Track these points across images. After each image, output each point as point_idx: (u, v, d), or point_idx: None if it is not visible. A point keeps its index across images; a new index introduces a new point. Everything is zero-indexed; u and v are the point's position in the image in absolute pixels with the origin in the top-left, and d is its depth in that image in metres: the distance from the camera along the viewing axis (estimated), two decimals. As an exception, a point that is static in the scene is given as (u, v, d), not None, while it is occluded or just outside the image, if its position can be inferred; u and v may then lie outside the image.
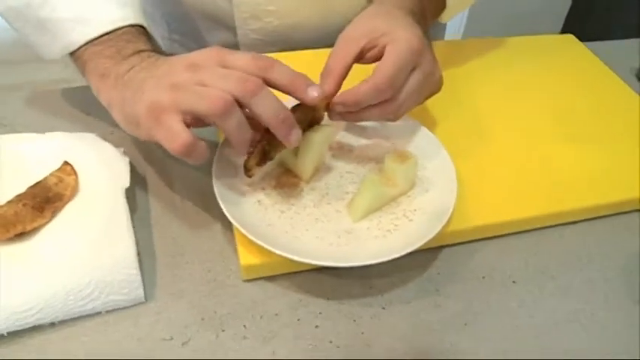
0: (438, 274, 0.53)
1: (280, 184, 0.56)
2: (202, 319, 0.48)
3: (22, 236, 0.50)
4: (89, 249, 0.49)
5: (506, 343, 0.49)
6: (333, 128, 0.57)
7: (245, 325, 0.48)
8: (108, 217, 0.52)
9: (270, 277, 0.51)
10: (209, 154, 0.49)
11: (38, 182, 0.53)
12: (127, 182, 0.55)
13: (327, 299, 0.50)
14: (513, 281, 0.53)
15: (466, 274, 0.54)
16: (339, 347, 0.47)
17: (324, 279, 0.52)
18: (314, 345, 0.47)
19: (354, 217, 0.54)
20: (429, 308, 0.50)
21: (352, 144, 0.62)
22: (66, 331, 0.47)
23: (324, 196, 0.56)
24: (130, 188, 0.55)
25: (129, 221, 0.52)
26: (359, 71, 0.56)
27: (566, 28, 2.10)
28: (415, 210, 0.55)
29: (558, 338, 0.49)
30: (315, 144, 0.54)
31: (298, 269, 0.52)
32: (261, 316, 0.49)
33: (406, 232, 0.53)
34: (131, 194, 0.56)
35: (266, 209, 0.54)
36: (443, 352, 0.48)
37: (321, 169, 0.58)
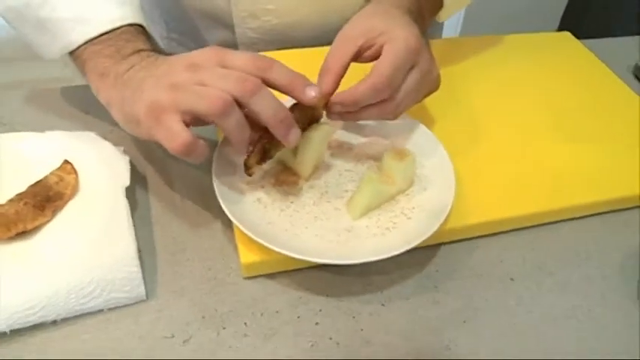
0: (436, 271, 0.54)
1: (280, 182, 0.56)
2: (203, 317, 0.48)
3: (23, 235, 0.50)
4: (90, 247, 0.49)
5: (505, 340, 0.49)
6: (331, 127, 0.57)
7: (246, 322, 0.48)
8: (108, 215, 0.52)
9: (271, 275, 0.52)
10: (208, 153, 0.49)
11: (39, 181, 0.53)
12: (127, 181, 0.55)
13: (327, 296, 0.51)
14: (511, 278, 0.54)
15: (464, 271, 0.54)
16: (338, 344, 0.47)
17: (323, 276, 0.52)
18: (314, 342, 0.47)
19: (353, 215, 0.54)
20: (428, 305, 0.51)
21: (351, 142, 0.62)
22: (67, 329, 0.47)
23: (323, 194, 0.56)
24: (130, 187, 0.55)
25: (129, 219, 0.52)
26: (357, 70, 0.56)
27: (562, 26, 2.11)
28: (414, 208, 0.55)
29: (556, 334, 0.50)
30: (314, 142, 0.54)
31: (298, 267, 0.52)
32: (262, 314, 0.49)
33: (405, 230, 0.53)
34: (131, 193, 0.56)
35: (266, 207, 0.54)
36: (442, 348, 0.48)
37: (320, 168, 0.59)
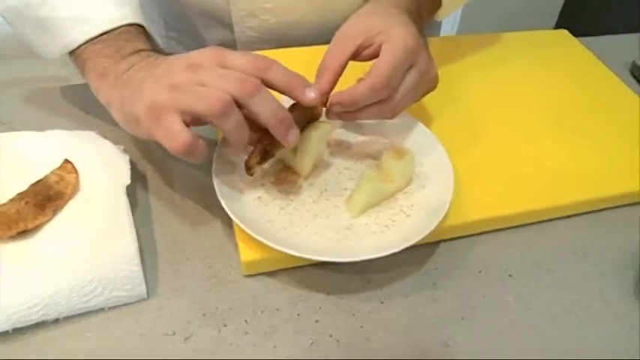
0: (435, 268, 0.54)
1: (279, 180, 0.57)
2: (204, 315, 0.49)
3: (24, 234, 0.50)
4: (91, 246, 0.49)
5: (504, 337, 0.49)
6: (330, 125, 0.57)
7: (246, 320, 0.48)
8: (109, 214, 0.52)
9: (271, 273, 0.52)
10: (208, 152, 0.49)
11: (39, 180, 0.53)
12: (127, 180, 0.55)
13: (327, 294, 0.51)
14: (510, 275, 0.54)
15: (463, 268, 0.54)
16: (338, 341, 0.48)
17: (323, 274, 0.52)
18: (314, 339, 0.48)
19: (352, 213, 0.54)
20: (427, 302, 0.51)
21: (350, 141, 0.63)
22: (69, 327, 0.47)
23: (322, 193, 0.56)
24: (131, 185, 0.55)
25: (130, 218, 0.52)
26: (355, 69, 0.56)
27: (559, 24, 2.11)
28: (412, 205, 0.55)
29: (554, 331, 0.50)
30: (314, 141, 0.55)
31: (298, 264, 0.52)
32: (262, 311, 0.49)
33: (404, 228, 0.53)
34: (131, 191, 0.56)
35: (266, 205, 0.54)
36: (441, 345, 0.48)
37: (319, 166, 0.59)
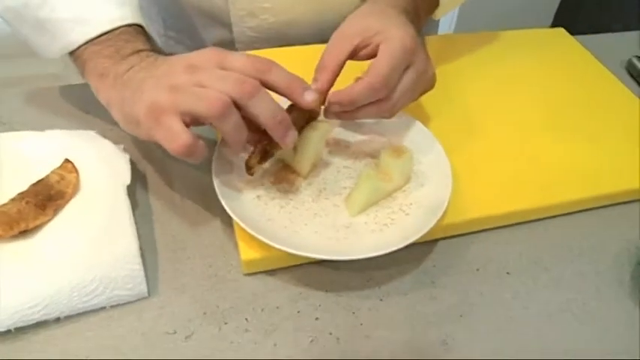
0: (433, 266, 0.54)
1: (279, 179, 0.57)
2: (205, 313, 0.49)
3: (25, 234, 0.50)
4: (92, 245, 0.49)
5: (502, 334, 0.50)
6: (329, 125, 0.57)
7: (247, 318, 0.49)
8: (110, 213, 0.52)
9: (271, 271, 0.52)
10: (208, 152, 0.49)
11: (40, 180, 0.53)
12: (127, 179, 0.55)
13: (326, 292, 0.51)
14: (507, 273, 0.54)
15: (461, 266, 0.55)
16: (338, 339, 0.48)
17: (323, 272, 0.53)
18: (314, 337, 0.48)
19: (351, 212, 0.55)
20: (426, 300, 0.51)
21: (348, 140, 0.63)
22: (70, 326, 0.47)
23: (321, 191, 0.57)
24: (131, 185, 0.55)
25: (131, 218, 0.52)
26: (353, 68, 0.57)
27: (556, 22, 2.11)
28: (411, 204, 0.56)
29: (552, 328, 0.51)
30: (313, 141, 0.55)
31: (298, 263, 0.53)
32: (262, 309, 0.50)
33: (402, 226, 0.54)
34: (131, 191, 0.56)
35: (265, 204, 0.54)
36: (439, 342, 0.49)
37: (318, 165, 0.59)
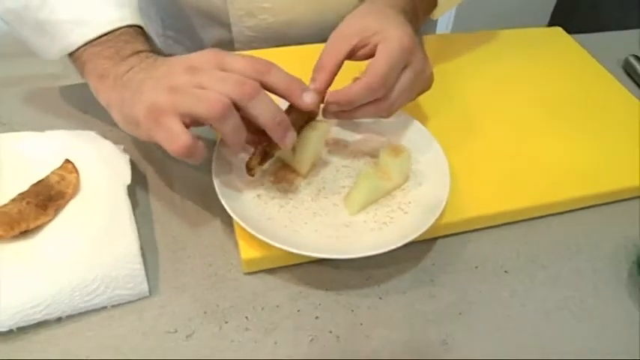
0: (432, 264, 0.55)
1: (279, 179, 0.57)
2: (205, 312, 0.49)
3: (26, 234, 0.50)
4: (93, 245, 0.50)
5: (500, 332, 0.50)
6: (328, 124, 0.58)
7: (247, 316, 0.49)
8: (110, 213, 0.53)
9: (271, 270, 0.53)
10: (207, 153, 0.49)
11: (41, 180, 0.54)
12: (128, 179, 0.56)
13: (326, 290, 0.52)
14: (505, 271, 0.55)
15: (460, 264, 0.55)
16: (338, 337, 0.49)
17: (322, 271, 0.53)
18: (314, 335, 0.48)
19: (350, 211, 0.55)
20: (425, 298, 0.52)
21: (347, 139, 0.63)
22: (71, 326, 0.48)
23: (321, 190, 0.57)
24: (131, 185, 0.56)
25: (131, 217, 0.53)
26: (350, 68, 0.57)
27: (553, 21, 2.12)
28: (410, 203, 0.56)
29: (549, 325, 0.51)
30: (312, 141, 0.55)
31: (298, 262, 0.53)
32: (263, 308, 0.50)
33: (401, 225, 0.54)
34: (131, 191, 0.56)
35: (265, 204, 0.55)
36: (438, 340, 0.49)
37: (317, 164, 0.59)
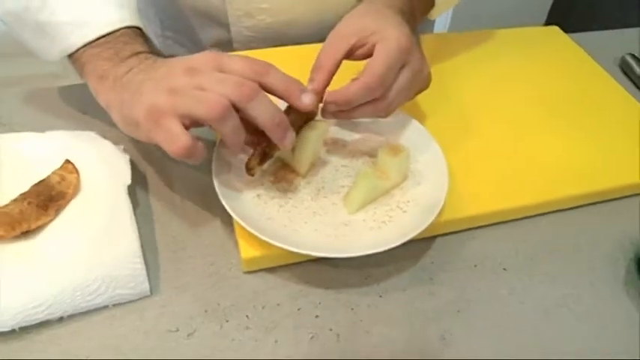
0: (431, 263, 0.55)
1: (278, 178, 0.58)
2: (206, 311, 0.49)
3: (27, 234, 0.51)
4: (94, 245, 0.50)
5: (499, 329, 0.50)
6: (327, 124, 0.58)
7: (248, 315, 0.49)
8: (111, 213, 0.53)
9: (271, 269, 0.53)
10: (207, 153, 0.49)
11: (42, 181, 0.54)
12: (128, 179, 0.56)
13: (326, 289, 0.52)
14: (504, 269, 0.55)
15: (458, 262, 0.55)
16: (338, 335, 0.49)
17: (322, 269, 0.53)
18: (314, 333, 0.49)
19: (349, 210, 0.55)
20: (424, 296, 0.52)
21: (346, 139, 0.64)
22: (73, 325, 0.48)
23: (320, 190, 0.57)
24: (131, 185, 0.56)
25: (132, 217, 0.53)
26: (349, 68, 0.57)
27: (549, 21, 2.12)
28: (408, 201, 0.57)
29: (547, 323, 0.51)
30: (311, 141, 0.56)
31: (297, 260, 0.53)
32: (263, 307, 0.50)
33: (400, 223, 0.54)
34: (131, 191, 0.57)
35: (265, 203, 0.55)
36: (438, 338, 0.49)
37: (317, 164, 0.60)
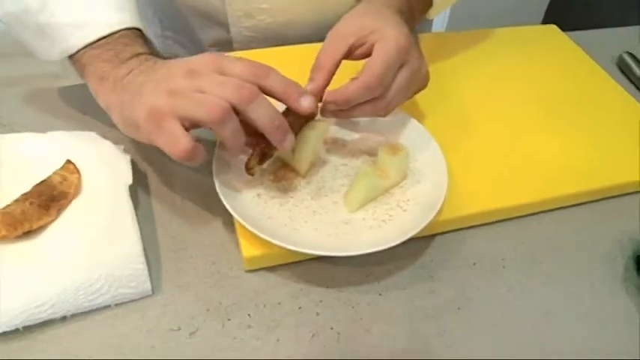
0: (431, 261, 0.55)
1: (278, 178, 0.58)
2: (208, 310, 0.50)
3: (29, 234, 0.51)
4: (96, 245, 0.50)
5: (498, 327, 0.51)
6: (327, 124, 0.58)
7: (249, 314, 0.50)
8: (112, 213, 0.53)
9: (272, 268, 0.53)
10: (207, 154, 0.50)
11: (43, 181, 0.54)
12: (129, 179, 0.56)
13: (327, 287, 0.52)
14: (503, 267, 0.56)
15: (458, 260, 0.56)
16: (339, 333, 0.49)
17: (323, 268, 0.54)
18: (315, 332, 0.49)
19: (350, 208, 0.56)
20: (424, 294, 0.53)
21: (346, 138, 0.64)
22: (75, 325, 0.48)
23: (320, 189, 0.58)
24: (132, 185, 0.56)
25: (133, 217, 0.53)
26: (347, 67, 0.57)
27: (547, 20, 2.13)
28: (408, 200, 0.57)
29: (546, 321, 0.52)
30: (311, 140, 0.56)
31: (298, 259, 0.54)
32: (265, 305, 0.50)
33: (400, 222, 0.55)
34: (133, 191, 0.57)
35: (266, 202, 0.55)
36: (438, 335, 0.50)
37: (317, 164, 0.60)
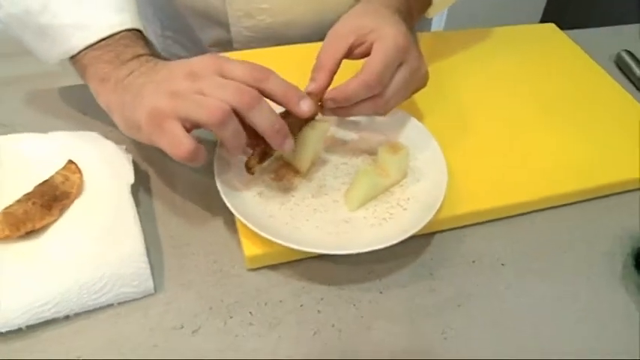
0: (431, 259, 0.56)
1: (279, 177, 0.58)
2: (210, 308, 0.50)
3: (31, 234, 0.51)
4: (99, 244, 0.51)
5: (498, 324, 0.51)
6: (327, 123, 0.59)
7: (251, 312, 0.50)
8: (115, 213, 0.53)
9: (274, 266, 0.54)
10: (208, 154, 0.50)
11: (45, 181, 0.54)
12: (131, 178, 0.56)
13: (328, 285, 0.53)
14: (502, 264, 0.56)
15: (457, 258, 0.56)
16: (340, 331, 0.50)
17: (324, 266, 0.54)
18: (317, 329, 0.50)
19: (350, 207, 0.56)
20: (424, 291, 0.53)
21: (346, 137, 0.64)
22: (78, 324, 0.48)
23: (321, 188, 0.58)
24: (133, 184, 0.56)
25: (135, 216, 0.53)
26: (347, 67, 0.58)
27: (545, 18, 2.13)
28: (408, 199, 0.57)
29: (544, 317, 0.52)
30: (312, 139, 0.56)
31: (299, 257, 0.54)
32: (266, 303, 0.51)
33: (401, 220, 0.55)
34: (134, 191, 0.57)
35: (267, 201, 0.56)
36: (438, 332, 0.50)
37: (317, 162, 0.60)
